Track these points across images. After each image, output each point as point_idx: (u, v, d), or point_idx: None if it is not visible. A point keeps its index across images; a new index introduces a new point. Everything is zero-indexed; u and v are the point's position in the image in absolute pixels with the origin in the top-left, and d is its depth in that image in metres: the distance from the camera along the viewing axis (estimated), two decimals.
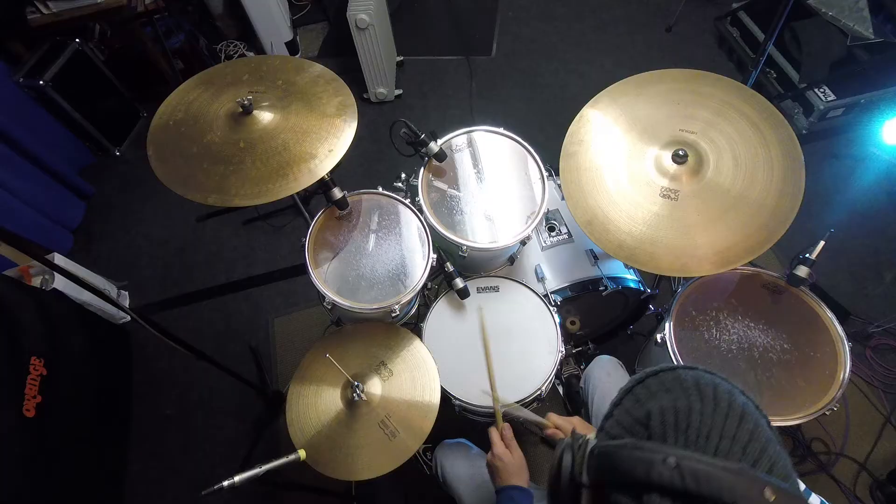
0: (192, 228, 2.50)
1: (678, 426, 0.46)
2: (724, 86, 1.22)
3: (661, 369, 0.53)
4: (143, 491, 1.88)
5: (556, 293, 1.43)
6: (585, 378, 1.40)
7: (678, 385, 0.50)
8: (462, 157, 1.39)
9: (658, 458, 0.42)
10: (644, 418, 0.48)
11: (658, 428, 0.47)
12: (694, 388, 0.49)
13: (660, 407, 0.48)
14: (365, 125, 2.66)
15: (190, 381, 2.08)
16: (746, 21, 2.66)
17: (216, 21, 3.01)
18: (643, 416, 0.49)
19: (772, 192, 1.10)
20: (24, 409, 1.47)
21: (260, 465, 0.99)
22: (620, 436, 0.49)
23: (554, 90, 2.84)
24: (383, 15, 2.60)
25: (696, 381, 0.50)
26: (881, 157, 2.30)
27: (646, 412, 0.49)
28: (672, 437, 0.46)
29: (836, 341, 1.16)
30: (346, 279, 1.28)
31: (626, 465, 0.44)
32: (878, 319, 1.92)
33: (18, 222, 2.15)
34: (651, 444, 0.45)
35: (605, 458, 0.47)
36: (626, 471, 0.44)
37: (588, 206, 1.19)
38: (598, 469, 0.47)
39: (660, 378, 0.52)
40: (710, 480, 0.40)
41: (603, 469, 0.47)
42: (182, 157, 1.15)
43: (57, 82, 2.33)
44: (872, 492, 1.66)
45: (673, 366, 0.53)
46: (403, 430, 1.11)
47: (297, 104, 1.22)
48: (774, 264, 2.12)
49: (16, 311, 1.59)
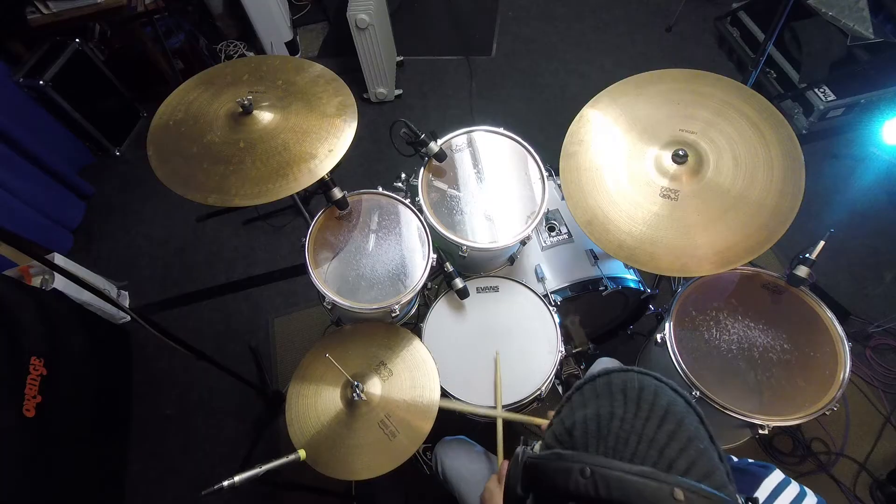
0: (192, 228, 2.51)
1: (599, 434, 0.48)
2: (724, 86, 1.22)
3: (599, 374, 0.54)
4: (143, 491, 1.88)
5: (556, 293, 1.43)
6: None
7: (607, 390, 0.52)
8: (462, 157, 1.39)
9: (575, 468, 0.44)
10: (570, 428, 0.51)
11: (581, 437, 0.49)
12: (620, 392, 0.51)
13: (584, 416, 0.50)
14: (365, 125, 2.66)
15: (190, 381, 2.08)
16: (746, 21, 2.66)
17: (216, 21, 3.02)
18: (570, 426, 0.51)
19: (772, 192, 1.10)
20: (24, 409, 1.47)
21: (260, 465, 0.99)
22: (552, 446, 0.51)
23: (554, 90, 2.84)
24: (383, 15, 2.60)
25: (623, 384, 0.51)
26: (881, 157, 2.30)
27: (573, 422, 0.51)
28: (593, 445, 0.48)
29: (836, 341, 1.16)
30: (346, 279, 1.28)
31: (549, 476, 0.46)
32: (878, 319, 1.92)
33: (18, 222, 2.15)
34: (571, 454, 0.47)
35: (532, 470, 0.49)
36: (549, 482, 0.46)
37: (588, 206, 1.19)
38: (529, 481, 0.50)
39: (594, 385, 0.54)
40: (620, 486, 0.42)
41: (532, 481, 0.49)
42: (182, 157, 1.15)
43: (57, 82, 2.33)
44: (872, 492, 1.66)
45: (608, 370, 0.55)
46: (403, 429, 1.11)
47: (297, 104, 1.22)
48: (774, 264, 2.12)
49: (16, 311, 1.59)
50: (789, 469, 1.71)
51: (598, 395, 0.52)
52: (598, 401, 0.51)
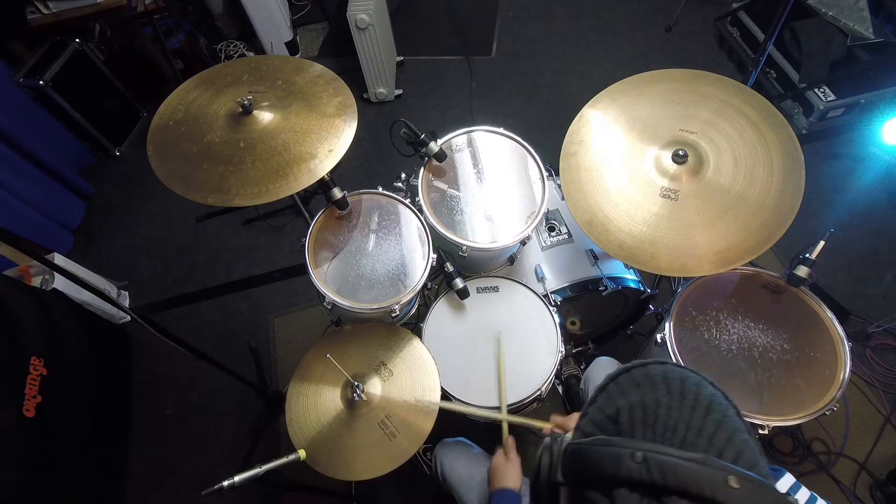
0: (192, 228, 2.50)
1: (646, 421, 0.47)
2: (724, 86, 1.22)
3: (633, 366, 0.54)
4: (143, 491, 1.88)
5: (556, 293, 1.43)
6: (585, 380, 1.40)
7: (647, 380, 0.51)
8: (462, 157, 1.39)
9: (626, 453, 0.43)
10: (614, 415, 0.50)
11: (627, 424, 0.48)
12: (662, 382, 0.50)
13: (629, 403, 0.49)
14: (365, 125, 2.66)
15: (190, 382, 2.08)
16: (746, 21, 2.66)
17: (216, 21, 3.01)
18: (613, 413, 0.50)
19: (772, 192, 1.10)
20: (24, 409, 1.47)
21: (260, 465, 0.99)
22: (593, 433, 0.50)
23: (554, 90, 2.84)
24: (383, 15, 2.60)
25: (664, 375, 0.51)
26: (881, 157, 2.30)
27: (615, 409, 0.50)
28: (640, 431, 0.47)
29: (836, 341, 1.16)
30: (346, 279, 1.28)
31: (596, 461, 0.45)
32: (878, 319, 1.92)
33: (18, 222, 2.15)
34: (620, 440, 0.46)
35: (576, 456, 0.48)
36: (596, 467, 0.45)
37: (588, 206, 1.19)
38: (571, 467, 0.48)
39: (631, 374, 0.53)
40: (675, 472, 0.41)
41: (575, 467, 0.48)
42: (182, 157, 1.15)
43: (57, 82, 2.33)
44: (872, 492, 1.66)
45: (644, 361, 0.54)
46: (403, 430, 1.11)
47: (297, 104, 1.22)
48: (774, 264, 2.12)
49: (16, 311, 1.59)
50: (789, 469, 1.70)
51: (639, 384, 0.51)
52: (640, 390, 0.50)
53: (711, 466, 0.41)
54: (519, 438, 1.04)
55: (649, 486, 0.41)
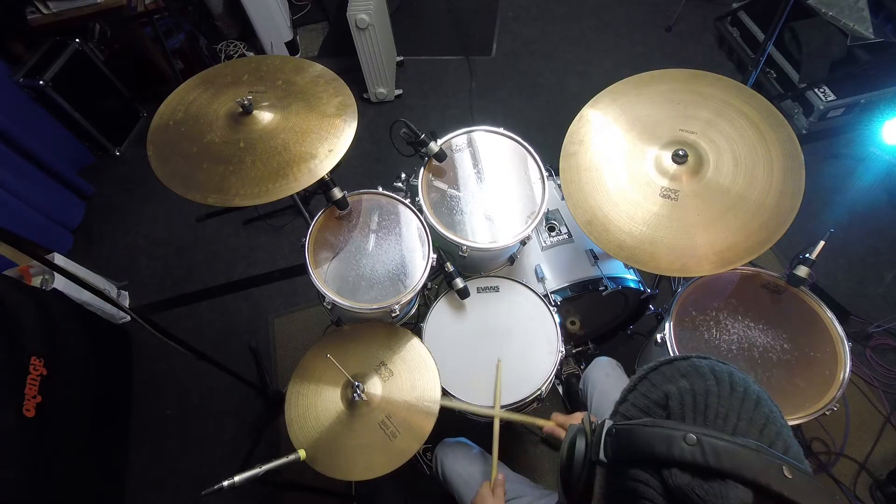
0: (192, 228, 2.50)
1: (696, 407, 0.47)
2: (724, 86, 1.22)
3: (675, 358, 0.54)
4: (143, 491, 1.88)
5: (556, 293, 1.43)
6: (584, 379, 1.40)
7: (694, 371, 0.51)
8: (462, 157, 1.39)
9: (678, 435, 0.43)
10: (662, 399, 0.49)
11: (677, 408, 0.47)
12: (710, 373, 0.50)
13: (678, 389, 0.49)
14: (365, 125, 2.66)
15: (190, 381, 2.08)
16: (746, 21, 2.66)
17: (216, 21, 3.01)
18: (661, 398, 0.50)
19: (772, 192, 1.10)
20: (24, 409, 1.47)
21: (260, 465, 0.99)
22: (638, 416, 0.50)
23: (554, 90, 2.84)
24: (383, 15, 2.60)
25: (711, 367, 0.51)
26: (881, 157, 2.30)
27: (663, 394, 0.50)
28: (691, 416, 0.46)
29: (836, 341, 1.16)
30: (346, 279, 1.28)
31: (645, 441, 0.45)
32: (878, 319, 1.92)
33: (18, 222, 2.15)
34: (671, 423, 0.46)
35: (624, 436, 0.47)
36: (645, 447, 0.44)
37: (588, 206, 1.19)
38: (618, 446, 0.48)
39: (675, 365, 0.53)
40: (731, 456, 0.41)
41: (622, 446, 0.47)
42: (182, 157, 1.15)
43: (57, 82, 2.33)
44: (872, 492, 1.66)
45: (686, 355, 0.54)
46: (403, 430, 1.11)
47: (297, 104, 1.22)
48: (774, 264, 2.12)
49: (16, 311, 1.59)
50: None
51: (685, 374, 0.50)
52: (688, 379, 0.50)
53: (767, 454, 0.41)
54: (518, 439, 1.04)
55: (703, 469, 0.41)
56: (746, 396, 0.47)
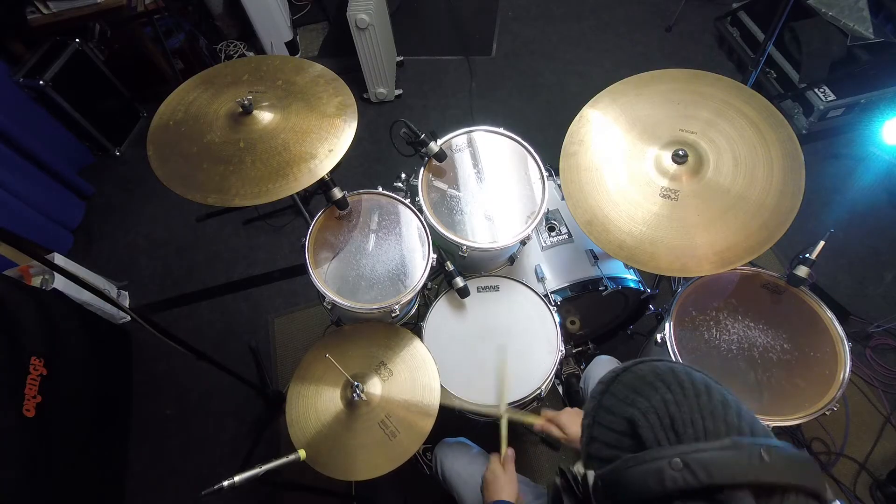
0: (192, 228, 2.50)
1: (663, 424, 0.46)
2: (724, 86, 1.22)
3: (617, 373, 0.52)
4: (143, 491, 1.88)
5: (556, 293, 1.43)
6: (585, 379, 1.40)
7: (642, 383, 0.50)
8: (462, 157, 1.39)
9: (664, 464, 0.41)
10: (628, 429, 0.48)
11: (647, 433, 0.46)
12: (657, 380, 0.49)
13: (639, 411, 0.47)
14: (365, 125, 2.66)
15: (190, 381, 2.08)
16: (746, 21, 2.66)
17: (216, 21, 3.01)
18: (626, 427, 0.48)
19: (772, 192, 1.10)
20: (24, 409, 1.47)
21: (260, 465, 0.99)
22: (612, 456, 0.48)
23: (554, 90, 2.84)
24: (383, 15, 2.60)
25: (653, 372, 0.50)
26: (881, 157, 2.30)
27: (625, 421, 0.48)
28: (663, 437, 0.45)
29: (836, 341, 1.16)
30: (346, 279, 1.28)
31: (638, 483, 0.43)
32: (878, 319, 1.92)
33: (18, 222, 2.15)
34: (649, 453, 0.44)
35: (612, 485, 0.45)
36: (639, 489, 0.43)
37: (588, 206, 1.19)
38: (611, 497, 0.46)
39: (622, 382, 0.51)
40: (718, 467, 0.40)
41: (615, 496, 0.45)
42: (182, 157, 1.15)
43: (57, 82, 2.33)
44: (872, 492, 1.66)
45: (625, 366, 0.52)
46: (403, 430, 1.11)
47: (297, 104, 1.22)
48: (774, 264, 2.12)
49: (16, 311, 1.59)
50: None
51: (636, 389, 0.49)
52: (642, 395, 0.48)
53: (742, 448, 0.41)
54: (518, 439, 1.04)
55: (702, 490, 0.40)
56: (697, 391, 0.47)
